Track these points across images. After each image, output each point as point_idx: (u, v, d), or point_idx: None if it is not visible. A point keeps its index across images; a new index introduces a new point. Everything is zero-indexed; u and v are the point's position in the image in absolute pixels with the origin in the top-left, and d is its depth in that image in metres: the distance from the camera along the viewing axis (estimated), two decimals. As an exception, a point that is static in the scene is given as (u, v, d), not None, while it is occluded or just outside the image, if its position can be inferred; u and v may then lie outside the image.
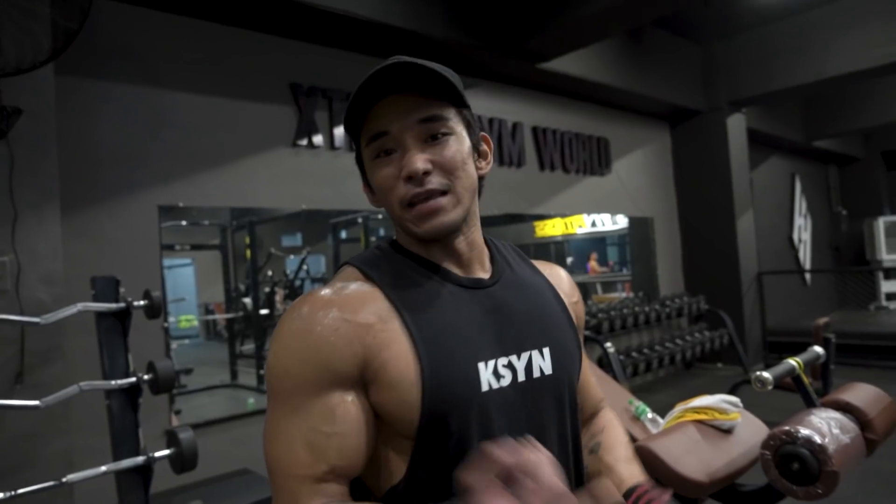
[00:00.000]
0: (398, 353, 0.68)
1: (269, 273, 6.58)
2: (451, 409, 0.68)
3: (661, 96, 5.78)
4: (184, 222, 5.51)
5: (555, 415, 0.77)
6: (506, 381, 0.73)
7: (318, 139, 3.74)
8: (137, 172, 3.02)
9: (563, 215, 5.91)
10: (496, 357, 0.73)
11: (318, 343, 0.68)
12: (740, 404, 1.58)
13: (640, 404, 2.87)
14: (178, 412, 4.03)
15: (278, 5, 3.21)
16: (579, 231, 9.36)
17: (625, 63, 5.33)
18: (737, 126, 6.43)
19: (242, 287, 6.67)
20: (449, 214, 0.73)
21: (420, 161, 0.71)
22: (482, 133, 0.81)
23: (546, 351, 0.77)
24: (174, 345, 6.11)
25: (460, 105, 0.76)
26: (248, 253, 6.29)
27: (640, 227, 6.42)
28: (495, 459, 0.54)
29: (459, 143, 0.74)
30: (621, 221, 6.54)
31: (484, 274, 0.80)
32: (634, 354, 5.17)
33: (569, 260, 10.28)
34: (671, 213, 6.66)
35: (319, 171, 3.76)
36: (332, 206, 3.89)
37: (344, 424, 0.66)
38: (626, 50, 5.34)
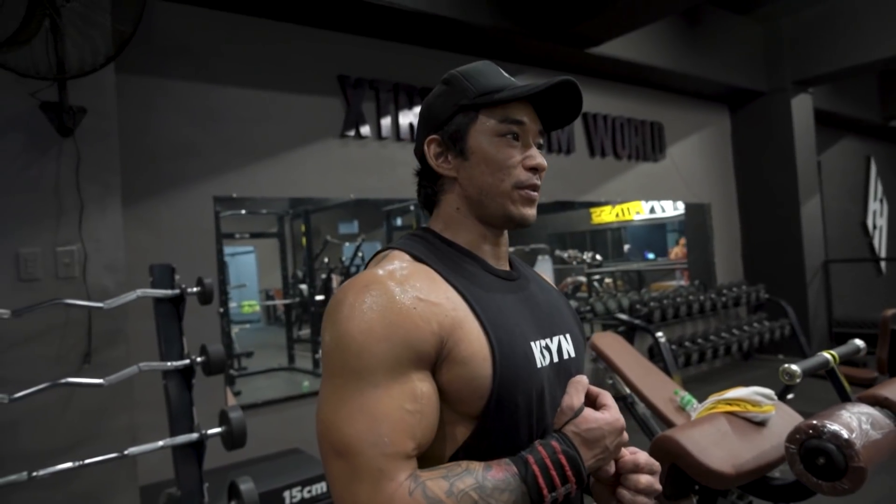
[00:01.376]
0: (469, 331, 0.73)
1: (326, 260, 6.76)
2: (517, 385, 0.74)
3: (720, 78, 5.56)
4: (243, 211, 5.73)
5: None
6: (547, 361, 0.80)
7: (365, 130, 3.81)
8: (193, 165, 3.18)
9: (615, 202, 5.80)
10: (538, 339, 0.80)
11: (400, 320, 0.69)
12: (774, 397, 1.54)
13: (685, 395, 2.82)
14: (237, 393, 4.23)
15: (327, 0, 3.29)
16: (637, 217, 9.14)
17: (680, 45, 5.15)
18: (802, 107, 6.11)
19: (300, 274, 6.88)
20: (535, 210, 0.85)
21: (544, 161, 0.84)
22: None
23: (568, 336, 0.86)
24: (236, 329, 6.39)
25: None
26: (304, 241, 6.48)
27: (696, 214, 6.22)
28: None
29: None
30: (682, 207, 6.35)
31: (509, 268, 0.88)
32: (687, 344, 5.04)
33: (626, 248, 10.06)
34: (730, 199, 6.42)
35: (367, 161, 3.84)
36: (380, 196, 3.97)
37: (424, 402, 0.69)
38: (682, 31, 5.16)
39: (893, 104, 7.63)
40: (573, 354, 0.85)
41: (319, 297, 6.16)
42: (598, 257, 8.13)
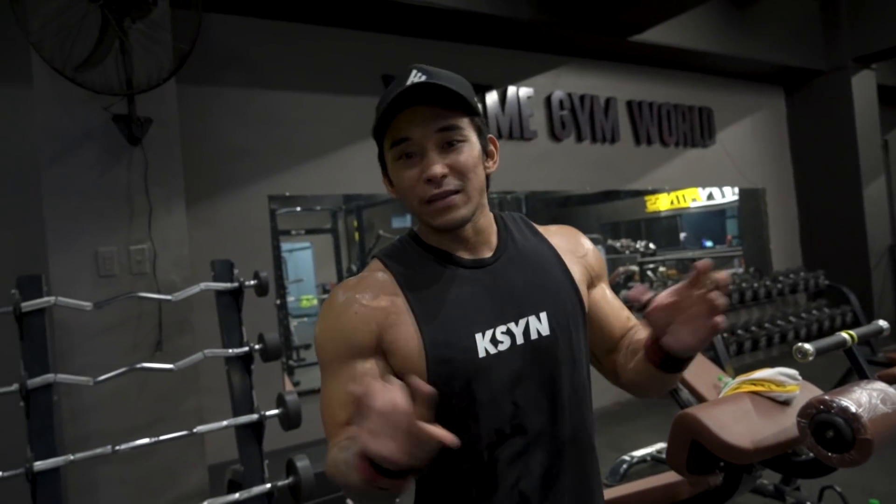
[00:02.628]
0: (405, 331, 0.84)
1: (378, 254, 6.90)
2: (452, 374, 0.83)
3: (773, 59, 5.39)
4: (298, 208, 5.97)
5: (556, 368, 0.89)
6: (504, 346, 0.85)
7: (409, 127, 3.94)
8: (248, 166, 3.39)
9: (662, 190, 5.73)
10: (494, 326, 0.86)
11: (341, 321, 0.85)
12: (798, 377, 1.57)
13: (729, 380, 2.82)
14: (297, 384, 4.45)
15: (369, 4, 3.43)
16: (693, 204, 8.93)
17: (729, 26, 5.03)
18: (865, 84, 5.85)
19: (353, 268, 7.09)
20: (461, 210, 0.86)
21: (439, 166, 0.84)
22: (490, 136, 0.94)
23: (543, 315, 0.89)
24: (295, 322, 6.66)
25: (472, 114, 0.89)
26: (357, 235, 6.69)
27: (750, 199, 6.07)
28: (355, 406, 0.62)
29: (471, 148, 0.87)
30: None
31: (489, 253, 0.92)
32: (740, 332, 4.96)
33: (682, 236, 9.85)
34: (786, 183, 6.23)
35: (412, 157, 3.97)
36: (426, 190, 4.09)
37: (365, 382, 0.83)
38: (730, 12, 5.04)
39: (969, 77, 7.18)
40: (546, 332, 0.87)
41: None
42: (652, 246, 8.02)
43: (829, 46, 5.80)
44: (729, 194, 6.90)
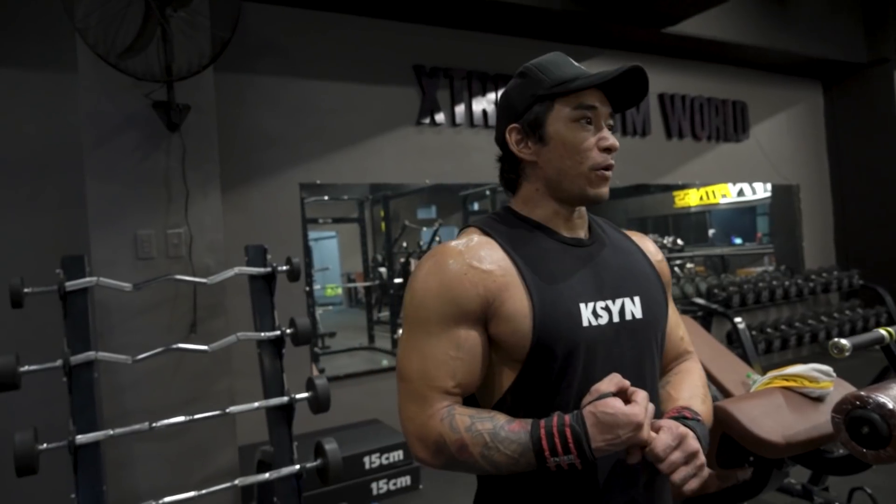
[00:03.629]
0: (514, 293, 0.86)
1: (404, 244, 6.98)
2: (557, 339, 0.84)
3: (811, 52, 5.26)
4: (326, 197, 6.03)
5: (644, 352, 0.92)
6: (603, 321, 0.88)
7: (440, 117, 3.96)
8: (280, 154, 3.44)
9: (693, 185, 5.65)
10: (595, 300, 0.89)
11: (451, 282, 0.85)
12: (833, 373, 1.55)
13: (758, 377, 2.80)
14: (322, 370, 4.52)
15: (400, -7, 3.44)
16: (723, 200, 8.77)
17: (765, 18, 4.93)
18: (907, 79, 5.68)
19: (379, 258, 7.14)
20: (608, 187, 0.94)
21: (616, 141, 0.92)
22: None
23: (637, 299, 0.92)
24: (319, 311, 6.74)
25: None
26: (383, 225, 6.74)
27: (783, 196, 5.95)
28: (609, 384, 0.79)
29: None
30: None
31: (585, 235, 0.97)
32: (769, 331, 4.88)
33: (710, 232, 9.69)
34: (822, 180, 6.09)
35: (442, 147, 3.99)
36: (455, 181, 4.11)
37: (465, 351, 0.85)
38: (767, 4, 4.93)
39: None
40: (639, 316, 0.91)
41: (398, 280, 6.40)
42: (680, 241, 7.92)
43: (871, 39, 5.63)
44: (760, 191, 6.77)
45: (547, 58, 0.95)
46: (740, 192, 7.93)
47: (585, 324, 0.86)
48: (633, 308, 0.91)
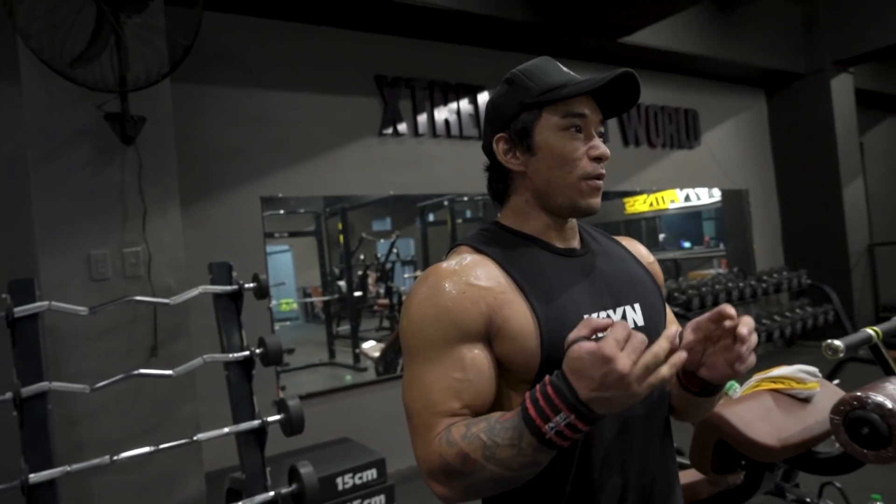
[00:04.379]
0: (517, 310, 0.81)
1: (362, 257, 6.88)
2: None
3: (756, 61, 5.48)
4: (281, 211, 5.88)
5: None
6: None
7: (402, 127, 3.91)
8: (241, 167, 3.32)
9: (649, 191, 5.78)
10: (597, 311, 0.86)
11: (449, 304, 0.80)
12: (819, 374, 1.57)
13: (734, 382, 2.84)
14: (283, 388, 4.38)
15: (362, 3, 3.38)
16: (672, 206, 9.02)
17: (714, 30, 5.11)
18: (843, 87, 5.98)
19: (337, 271, 7.02)
20: (600, 198, 0.91)
21: (607, 150, 0.90)
22: None
23: (637, 306, 0.90)
24: (277, 326, 6.56)
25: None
26: (341, 238, 6.63)
27: (733, 200, 6.16)
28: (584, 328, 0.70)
29: None
30: (718, 195, 6.28)
31: (577, 245, 0.94)
32: (728, 332, 5.01)
33: (661, 237, 9.95)
34: (768, 184, 6.33)
35: (405, 157, 3.94)
36: (418, 191, 4.06)
37: (472, 372, 0.79)
38: (715, 15, 5.12)
39: (939, 81, 7.39)
40: (641, 323, 0.89)
41: (357, 294, 6.29)
42: (634, 247, 8.07)
43: (809, 50, 5.92)
44: (705, 196, 6.98)
45: (534, 63, 0.92)
46: (687, 198, 8.17)
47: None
48: (635, 316, 0.89)
